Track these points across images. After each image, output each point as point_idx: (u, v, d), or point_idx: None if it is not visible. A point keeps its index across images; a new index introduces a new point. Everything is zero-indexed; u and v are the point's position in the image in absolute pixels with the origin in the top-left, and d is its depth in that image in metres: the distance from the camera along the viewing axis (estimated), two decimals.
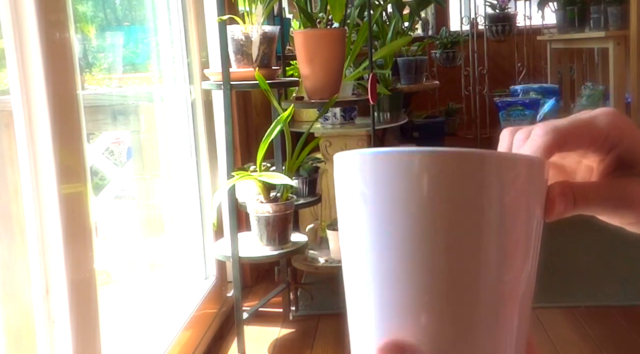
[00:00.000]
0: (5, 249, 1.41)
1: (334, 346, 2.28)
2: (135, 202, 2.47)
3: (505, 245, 0.35)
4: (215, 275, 2.47)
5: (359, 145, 3.09)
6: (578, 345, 2.25)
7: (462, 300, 0.35)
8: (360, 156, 0.36)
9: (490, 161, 0.35)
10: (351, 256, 0.37)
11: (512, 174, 0.36)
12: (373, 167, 0.36)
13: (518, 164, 0.36)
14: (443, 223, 0.34)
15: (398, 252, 0.35)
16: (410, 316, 0.35)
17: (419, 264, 0.34)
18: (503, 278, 0.35)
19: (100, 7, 2.43)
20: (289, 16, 3.58)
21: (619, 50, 4.30)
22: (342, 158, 0.38)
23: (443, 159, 0.34)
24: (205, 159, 2.44)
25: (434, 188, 0.34)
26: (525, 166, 0.36)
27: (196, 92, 2.41)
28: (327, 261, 2.54)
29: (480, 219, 0.35)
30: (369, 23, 2.41)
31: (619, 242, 3.19)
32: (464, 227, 0.34)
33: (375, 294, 0.36)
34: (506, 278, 0.36)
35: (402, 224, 0.34)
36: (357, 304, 0.37)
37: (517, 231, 0.36)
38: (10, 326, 1.42)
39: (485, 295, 0.35)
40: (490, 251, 0.35)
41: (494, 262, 0.35)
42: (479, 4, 5.64)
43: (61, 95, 1.34)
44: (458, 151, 0.35)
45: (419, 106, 5.50)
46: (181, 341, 2.03)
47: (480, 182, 0.35)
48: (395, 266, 0.35)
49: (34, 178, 1.31)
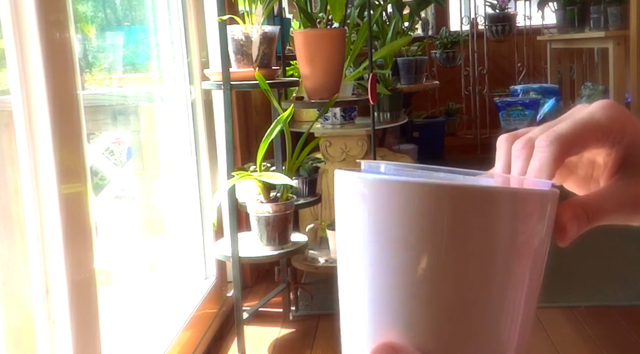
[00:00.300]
0: (5, 249, 1.41)
1: (334, 346, 2.28)
2: (135, 202, 2.47)
3: (512, 276, 0.35)
4: (215, 275, 2.47)
5: (359, 145, 3.09)
6: (578, 345, 2.25)
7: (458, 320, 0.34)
8: (362, 180, 0.35)
9: (501, 198, 0.34)
10: (347, 270, 0.36)
11: (525, 211, 0.34)
12: (374, 193, 0.34)
13: (531, 200, 0.35)
14: (446, 257, 0.33)
15: (394, 280, 0.34)
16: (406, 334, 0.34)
17: (418, 295, 0.34)
18: (504, 302, 0.35)
19: (100, 7, 2.43)
20: (289, 16, 3.58)
21: (619, 50, 4.30)
22: (343, 178, 0.36)
23: (449, 194, 0.33)
24: (205, 159, 2.44)
25: (437, 223, 0.33)
26: (538, 201, 0.35)
27: (196, 92, 2.41)
28: (327, 261, 2.54)
29: (487, 254, 0.34)
30: (369, 23, 2.41)
31: (619, 242, 3.19)
32: (468, 263, 0.33)
33: (369, 310, 0.35)
34: (507, 304, 0.35)
35: (402, 254, 0.34)
36: (351, 310, 0.37)
37: (524, 261, 0.35)
38: (10, 326, 1.42)
39: (485, 315, 0.35)
40: (495, 283, 0.34)
41: (497, 290, 0.34)
42: (479, 4, 5.64)
43: (61, 95, 1.34)
44: (465, 186, 0.33)
45: (419, 106, 5.50)
46: (181, 341, 2.03)
47: (489, 221, 0.33)
48: (391, 292, 0.34)
49: (34, 178, 1.31)
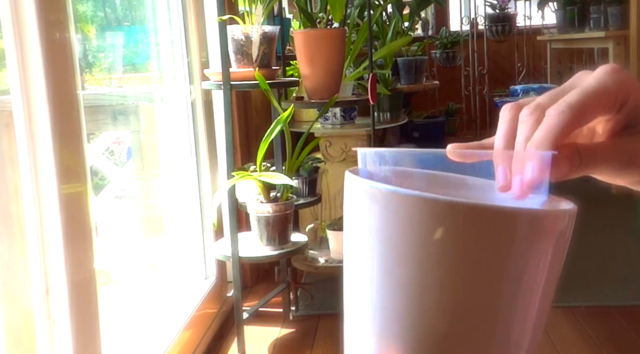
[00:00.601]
0: (5, 249, 1.41)
1: (334, 346, 2.28)
2: (135, 202, 2.47)
3: (521, 292, 0.34)
4: (215, 275, 2.47)
5: (359, 145, 3.09)
6: (578, 345, 2.25)
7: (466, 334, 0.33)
8: (373, 190, 0.34)
9: (517, 219, 0.33)
10: (354, 278, 0.36)
11: (540, 232, 0.34)
12: (386, 205, 0.34)
13: (547, 221, 0.34)
14: (456, 272, 0.33)
15: (402, 292, 0.34)
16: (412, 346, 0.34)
17: (426, 309, 0.33)
18: (513, 317, 0.34)
19: (100, 7, 2.43)
20: (289, 16, 3.58)
21: (619, 50, 4.30)
22: (354, 184, 0.35)
23: (462, 212, 0.32)
24: (205, 159, 2.44)
25: (449, 239, 0.32)
26: (553, 221, 0.34)
27: (196, 92, 2.41)
28: (327, 261, 2.54)
29: (497, 272, 0.33)
30: (369, 23, 2.41)
31: (619, 242, 3.19)
32: (478, 279, 0.33)
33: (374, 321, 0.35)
34: (516, 319, 0.34)
35: (411, 267, 0.33)
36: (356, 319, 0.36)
37: (536, 279, 0.34)
38: (10, 326, 1.42)
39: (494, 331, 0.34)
40: (504, 300, 0.34)
41: (506, 306, 0.34)
42: (479, 4, 5.64)
43: (61, 95, 1.34)
44: (480, 206, 0.33)
45: (419, 106, 5.50)
46: (181, 341, 2.03)
47: (503, 240, 0.33)
48: (398, 303, 0.34)
49: (34, 178, 1.31)
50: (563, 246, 0.35)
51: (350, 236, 0.36)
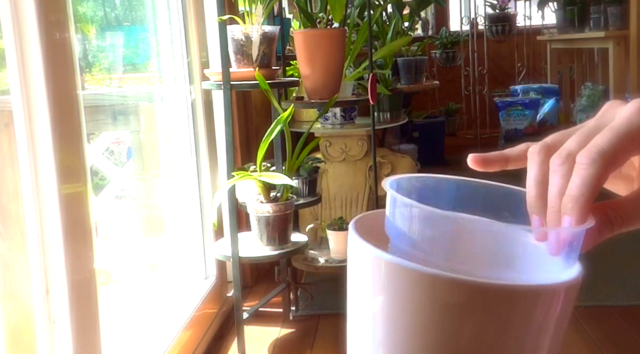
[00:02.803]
0: (5, 249, 1.41)
1: (334, 346, 2.28)
2: (135, 202, 2.47)
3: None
4: (215, 275, 2.47)
5: (359, 145, 3.09)
6: (578, 345, 2.25)
7: None
8: (379, 260, 0.34)
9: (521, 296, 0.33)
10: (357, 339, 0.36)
11: (545, 306, 0.34)
12: (392, 278, 0.34)
13: (551, 295, 0.35)
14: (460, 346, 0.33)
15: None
16: None
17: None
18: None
19: (100, 7, 2.43)
20: (289, 16, 3.58)
21: (619, 50, 4.30)
22: (358, 247, 0.35)
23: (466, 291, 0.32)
24: (205, 159, 2.44)
25: (455, 314, 0.33)
26: (556, 294, 0.35)
27: (196, 92, 2.41)
28: (327, 261, 2.54)
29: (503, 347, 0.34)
30: (369, 23, 2.41)
31: (619, 243, 3.19)
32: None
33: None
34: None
35: (415, 339, 0.33)
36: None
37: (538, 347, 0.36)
38: (10, 326, 1.42)
39: None
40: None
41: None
42: (479, 4, 5.65)
43: (61, 95, 1.34)
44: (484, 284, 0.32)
45: (419, 106, 5.50)
46: (181, 341, 2.04)
47: (508, 317, 0.33)
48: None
49: (34, 178, 1.31)
50: (564, 314, 0.36)
51: (354, 297, 0.36)
